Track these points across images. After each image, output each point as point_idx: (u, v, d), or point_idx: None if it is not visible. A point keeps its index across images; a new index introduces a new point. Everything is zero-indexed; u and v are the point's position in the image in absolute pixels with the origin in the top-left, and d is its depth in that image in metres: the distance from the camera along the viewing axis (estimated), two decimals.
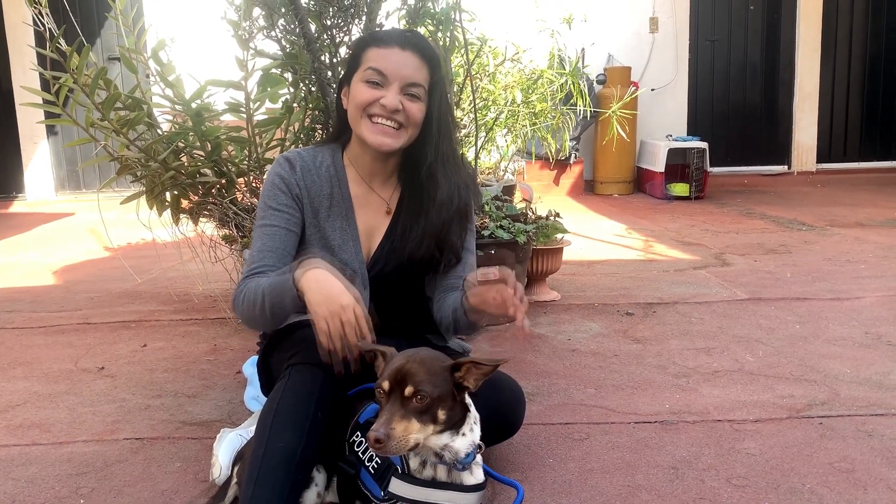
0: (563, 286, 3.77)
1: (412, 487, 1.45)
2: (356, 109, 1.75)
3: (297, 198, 1.80)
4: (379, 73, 1.70)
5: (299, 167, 1.81)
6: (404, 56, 1.72)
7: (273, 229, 1.77)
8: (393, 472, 1.47)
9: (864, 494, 1.74)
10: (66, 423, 2.27)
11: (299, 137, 2.99)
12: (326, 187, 1.82)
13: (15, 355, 2.95)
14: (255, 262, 1.74)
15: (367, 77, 1.72)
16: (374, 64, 1.71)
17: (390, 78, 1.71)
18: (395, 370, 1.40)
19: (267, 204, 1.79)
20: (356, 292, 1.54)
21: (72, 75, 2.64)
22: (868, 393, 2.34)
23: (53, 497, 1.82)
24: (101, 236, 5.46)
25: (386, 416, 1.36)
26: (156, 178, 2.87)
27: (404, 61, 1.72)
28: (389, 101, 1.70)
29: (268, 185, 1.81)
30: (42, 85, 3.11)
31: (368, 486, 1.52)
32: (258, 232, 1.79)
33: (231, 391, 2.50)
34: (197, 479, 1.89)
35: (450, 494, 1.47)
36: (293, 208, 1.79)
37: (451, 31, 3.06)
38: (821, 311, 3.26)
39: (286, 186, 1.79)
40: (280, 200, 1.79)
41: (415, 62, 1.73)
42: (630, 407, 2.29)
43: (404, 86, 1.72)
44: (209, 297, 3.65)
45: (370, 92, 1.72)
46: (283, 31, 2.92)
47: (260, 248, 1.76)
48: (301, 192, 1.80)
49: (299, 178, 1.80)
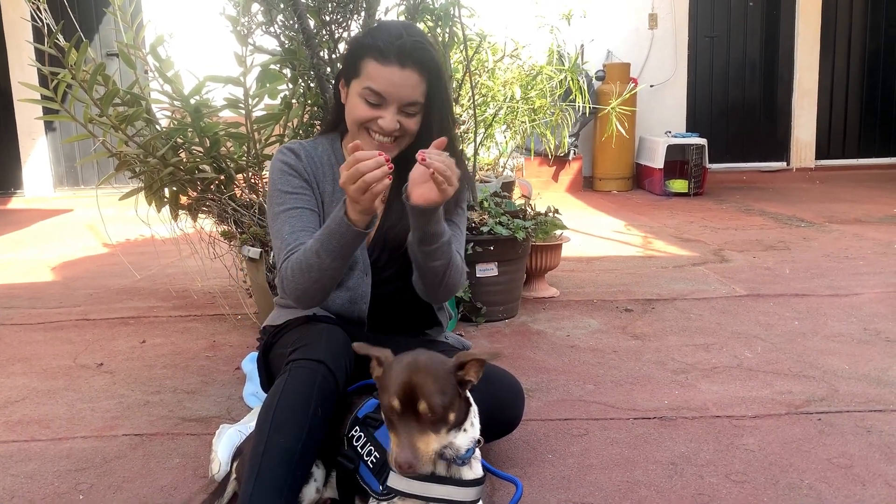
0: (562, 282, 3.77)
1: (410, 482, 1.45)
2: (353, 123, 1.77)
3: (307, 182, 1.81)
4: (377, 94, 1.71)
5: (304, 156, 1.83)
6: (403, 76, 1.70)
7: (297, 211, 1.76)
8: (391, 467, 1.47)
9: (862, 490, 1.74)
10: (65, 419, 2.27)
11: (298, 133, 2.98)
12: (329, 174, 1.84)
13: (14, 351, 2.95)
14: (292, 244, 1.71)
15: (366, 96, 1.72)
16: (372, 85, 1.71)
17: (389, 100, 1.71)
18: (403, 386, 1.36)
19: (281, 190, 1.78)
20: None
21: (70, 71, 2.63)
22: (866, 389, 2.35)
23: (53, 493, 1.82)
24: (99, 233, 5.46)
25: (405, 437, 1.34)
26: (154, 175, 2.87)
27: (403, 82, 1.71)
28: (387, 125, 1.72)
29: (276, 172, 1.80)
30: (40, 81, 3.10)
31: (367, 481, 1.52)
32: (281, 218, 1.75)
33: (230, 387, 2.50)
34: (196, 475, 1.89)
35: (448, 489, 1.46)
36: (308, 190, 1.80)
37: (450, 26, 3.05)
38: (819, 307, 3.26)
39: (296, 171, 1.80)
40: (294, 184, 1.79)
41: (413, 80, 1.72)
42: (629, 403, 2.29)
43: (402, 106, 1.73)
44: (208, 294, 3.65)
45: (368, 111, 1.73)
46: (281, 26, 2.91)
47: (291, 230, 1.73)
48: (310, 178, 1.81)
49: (306, 164, 1.82)
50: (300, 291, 1.69)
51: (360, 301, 1.82)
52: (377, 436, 1.53)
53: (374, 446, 1.52)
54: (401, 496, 1.46)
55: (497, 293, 3.17)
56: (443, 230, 1.66)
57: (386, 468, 1.47)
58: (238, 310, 3.35)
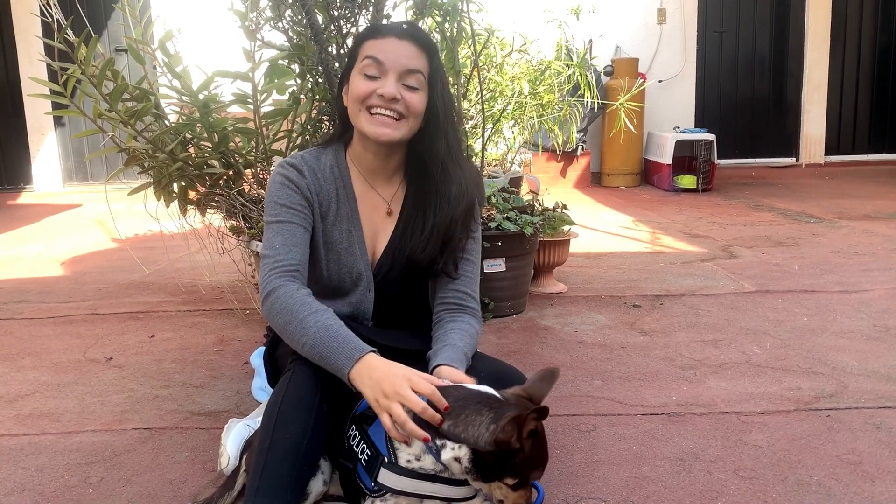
0: (570, 278, 3.77)
1: (401, 478, 1.45)
2: (355, 103, 1.70)
3: (308, 200, 1.75)
4: (375, 61, 1.66)
5: (307, 172, 1.76)
6: (401, 45, 1.68)
7: (291, 226, 1.71)
8: (381, 463, 1.47)
9: (871, 486, 1.73)
10: (75, 413, 2.28)
11: (306, 129, 2.99)
12: (332, 189, 1.78)
13: (24, 345, 2.97)
14: (282, 256, 1.67)
15: (364, 69, 1.68)
16: (370, 53, 1.67)
17: (387, 66, 1.66)
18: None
19: (278, 203, 1.73)
20: (406, 373, 1.48)
21: (80, 66, 2.64)
22: (876, 385, 2.34)
23: (63, 486, 1.83)
24: (108, 227, 5.48)
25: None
26: (163, 170, 2.87)
27: (401, 49, 1.67)
28: (387, 90, 1.65)
29: (276, 185, 1.75)
30: (49, 76, 3.11)
31: (362, 478, 1.52)
32: (275, 227, 1.72)
33: (238, 382, 2.51)
34: (205, 468, 1.90)
35: (439, 487, 1.46)
36: (306, 209, 1.74)
37: (458, 21, 3.05)
38: (829, 303, 3.25)
39: (297, 188, 1.74)
40: (293, 200, 1.73)
41: (412, 50, 1.68)
42: (637, 399, 2.29)
43: (402, 73, 1.67)
44: (216, 289, 3.66)
45: (368, 84, 1.67)
46: (290, 21, 2.91)
47: (283, 243, 1.69)
48: (311, 196, 1.76)
49: (309, 182, 1.76)
50: (275, 328, 1.65)
51: (362, 317, 1.80)
52: (370, 433, 1.52)
53: (366, 443, 1.52)
54: (392, 493, 1.46)
55: (505, 288, 3.17)
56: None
57: (377, 464, 1.47)
58: (246, 305, 3.36)
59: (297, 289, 1.63)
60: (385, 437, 1.49)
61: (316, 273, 1.79)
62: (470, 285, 1.81)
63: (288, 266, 1.67)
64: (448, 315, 1.77)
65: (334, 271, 1.79)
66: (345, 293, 1.80)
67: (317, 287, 1.76)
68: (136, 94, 2.83)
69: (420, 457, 1.45)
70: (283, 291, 1.62)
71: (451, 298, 1.80)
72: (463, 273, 1.81)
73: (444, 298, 1.80)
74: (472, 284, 1.82)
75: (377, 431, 1.51)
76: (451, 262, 1.79)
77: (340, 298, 1.80)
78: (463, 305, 1.79)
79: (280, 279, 1.64)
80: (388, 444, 1.48)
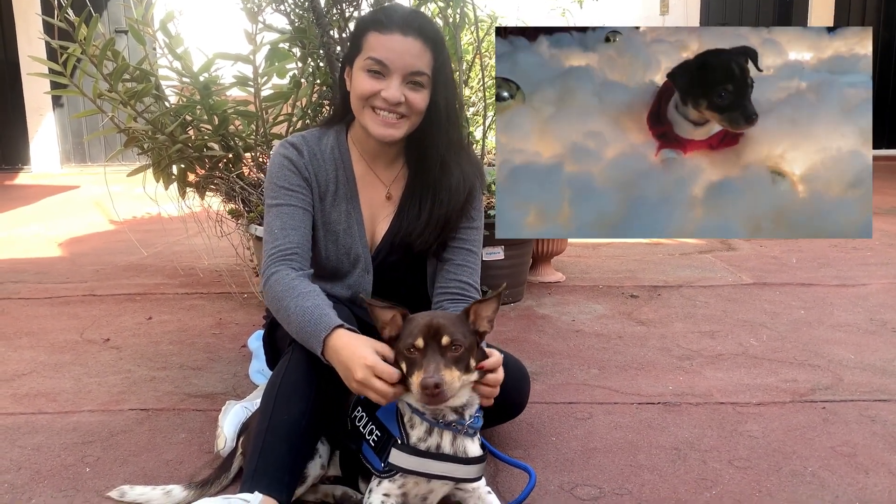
0: (569, 268, 3.77)
1: (411, 458, 1.46)
2: (358, 99, 1.70)
3: (306, 181, 1.76)
4: (380, 63, 1.65)
5: (307, 152, 1.77)
6: (406, 43, 1.65)
7: (290, 208, 1.73)
8: (393, 444, 1.48)
9: (865, 478, 1.74)
10: (72, 393, 2.28)
11: (307, 112, 2.98)
12: (332, 171, 1.79)
13: (21, 325, 2.97)
14: (280, 240, 1.69)
15: (368, 66, 1.66)
16: (374, 53, 1.65)
17: (392, 68, 1.65)
18: (426, 326, 1.43)
19: (278, 184, 1.74)
20: (373, 350, 1.49)
21: (80, 45, 2.62)
22: (871, 378, 2.34)
23: (59, 465, 1.83)
24: (106, 209, 5.47)
25: (432, 364, 1.39)
26: (163, 151, 2.86)
27: (406, 49, 1.65)
28: (391, 95, 1.65)
29: (276, 167, 1.76)
30: (48, 55, 3.09)
31: (370, 459, 1.53)
32: (274, 211, 1.73)
33: (236, 364, 2.51)
34: (202, 450, 1.90)
35: (449, 466, 1.47)
36: (305, 189, 1.76)
37: (460, 7, 3.03)
38: (826, 296, 3.25)
39: (296, 168, 1.75)
40: (292, 181, 1.74)
41: (417, 49, 1.66)
42: (633, 388, 2.29)
43: (406, 75, 1.66)
44: (214, 272, 3.66)
45: (371, 83, 1.66)
46: (292, 5, 2.90)
47: (281, 227, 1.71)
48: (310, 176, 1.77)
49: (307, 162, 1.77)
50: (273, 312, 1.68)
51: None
52: (379, 415, 1.53)
53: (375, 425, 1.53)
54: (402, 473, 1.47)
55: (503, 277, 3.16)
56: None
57: (387, 446, 1.48)
58: (244, 288, 3.35)
59: (288, 274, 1.65)
60: (396, 417, 1.50)
61: (315, 255, 1.79)
62: (472, 276, 1.82)
63: (285, 251, 1.68)
64: (451, 305, 1.78)
65: (332, 252, 1.79)
66: (343, 275, 1.81)
67: (316, 269, 1.77)
68: (137, 74, 2.82)
69: (442, 432, 1.48)
70: (275, 278, 1.64)
71: (453, 288, 1.81)
72: (464, 262, 1.82)
73: (446, 287, 1.81)
74: (473, 275, 1.83)
75: (387, 413, 1.52)
76: (442, 246, 1.81)
77: (339, 280, 1.81)
78: (465, 295, 1.80)
79: (276, 265, 1.66)
80: (400, 423, 1.49)
